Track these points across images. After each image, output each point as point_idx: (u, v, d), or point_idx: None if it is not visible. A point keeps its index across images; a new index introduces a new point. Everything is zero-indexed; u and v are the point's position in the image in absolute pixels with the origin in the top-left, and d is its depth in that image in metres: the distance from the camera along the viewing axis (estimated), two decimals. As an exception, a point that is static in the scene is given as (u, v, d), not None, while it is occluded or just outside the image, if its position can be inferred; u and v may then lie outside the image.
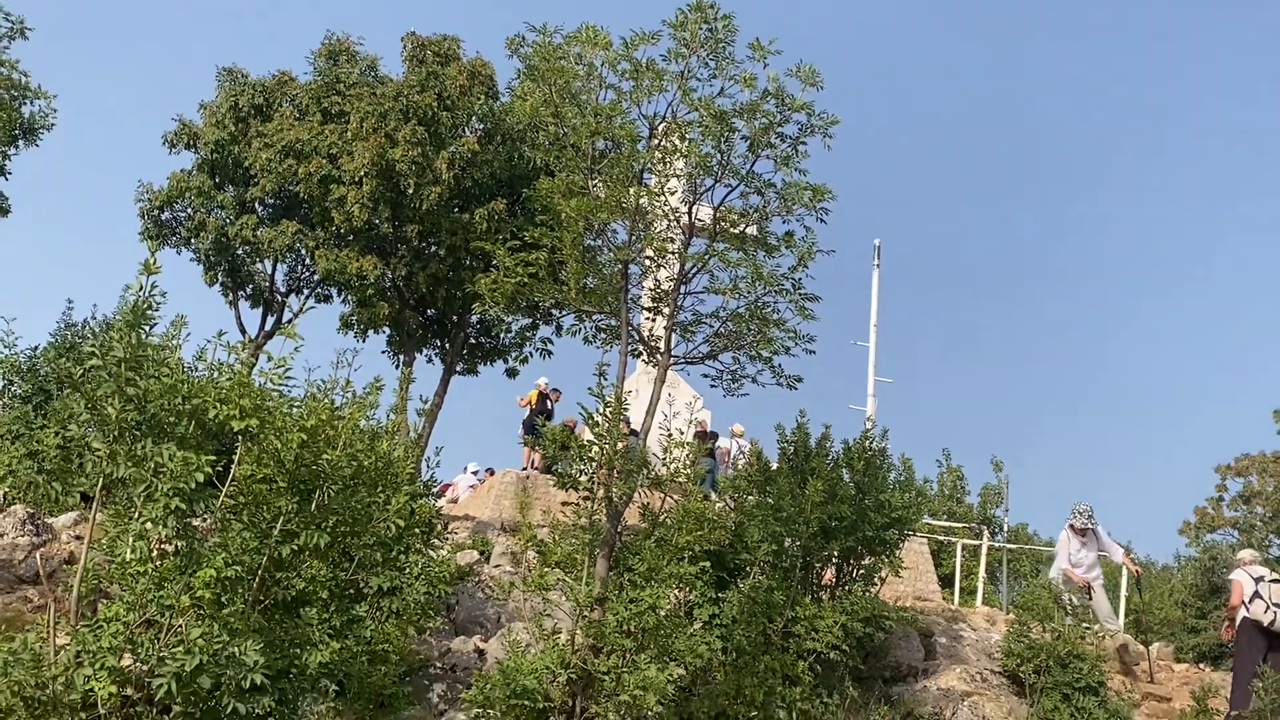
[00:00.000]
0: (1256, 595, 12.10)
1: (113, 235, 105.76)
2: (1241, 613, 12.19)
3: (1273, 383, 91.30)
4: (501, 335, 19.76)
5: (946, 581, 22.30)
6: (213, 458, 6.73)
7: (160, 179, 19.81)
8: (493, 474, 22.79)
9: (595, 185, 10.73)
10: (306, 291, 20.96)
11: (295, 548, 7.22)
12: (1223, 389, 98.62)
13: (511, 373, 20.35)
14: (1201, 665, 14.36)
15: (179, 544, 6.69)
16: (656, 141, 10.54)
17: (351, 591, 9.11)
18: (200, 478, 6.52)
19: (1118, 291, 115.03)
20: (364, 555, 8.76)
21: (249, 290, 21.10)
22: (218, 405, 6.80)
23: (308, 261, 19.84)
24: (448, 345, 19.44)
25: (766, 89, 10.40)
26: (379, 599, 9.20)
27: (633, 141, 10.43)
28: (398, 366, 19.16)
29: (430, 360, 19.95)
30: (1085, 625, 13.36)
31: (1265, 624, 11.85)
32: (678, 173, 10.90)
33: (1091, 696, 11.93)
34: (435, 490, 12.54)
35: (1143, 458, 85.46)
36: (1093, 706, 11.83)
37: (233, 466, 7.04)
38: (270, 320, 20.90)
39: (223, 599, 6.75)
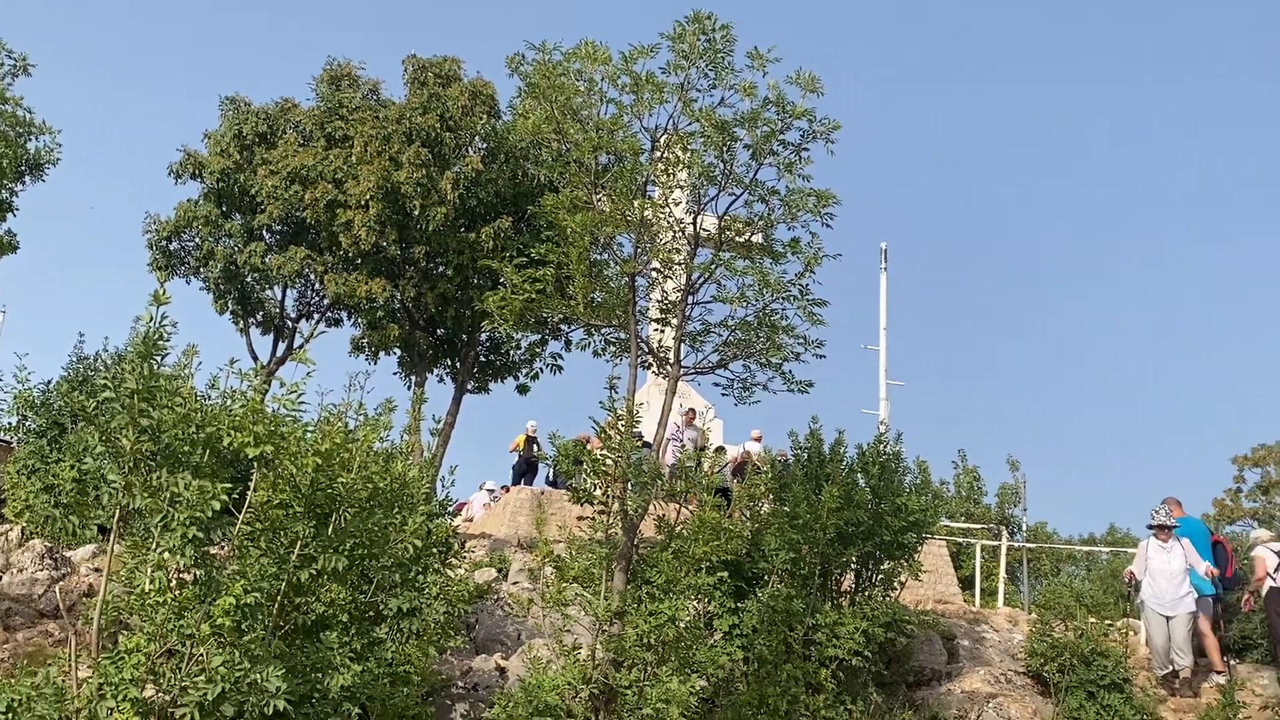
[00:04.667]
0: None
1: (121, 267, 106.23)
2: (1269, 583, 12.82)
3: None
4: (511, 352, 19.81)
5: (967, 583, 22.18)
6: (229, 485, 6.74)
7: (167, 210, 19.98)
8: (508, 491, 22.83)
9: (599, 199, 10.76)
10: (317, 316, 21.04)
11: (314, 572, 7.23)
12: (1238, 380, 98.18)
13: (522, 389, 20.40)
14: (1225, 658, 14.17)
15: (197, 573, 6.71)
16: (659, 154, 10.57)
17: (371, 614, 9.12)
18: (216, 506, 6.52)
19: (1130, 285, 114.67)
20: (382, 577, 8.78)
21: (259, 317, 21.19)
22: (232, 433, 6.82)
23: (317, 286, 19.92)
24: (458, 364, 19.49)
25: (767, 97, 10.43)
26: (399, 620, 9.20)
27: (635, 154, 10.46)
28: (409, 387, 19.24)
29: (441, 380, 20.05)
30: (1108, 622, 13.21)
31: None
32: (681, 184, 10.93)
33: (1117, 693, 11.85)
34: (451, 509, 12.53)
35: (1160, 452, 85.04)
36: (1118, 703, 11.74)
37: (249, 493, 7.04)
38: (281, 346, 21.01)
39: (243, 626, 6.76)
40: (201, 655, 6.42)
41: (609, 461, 9.47)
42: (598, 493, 9.55)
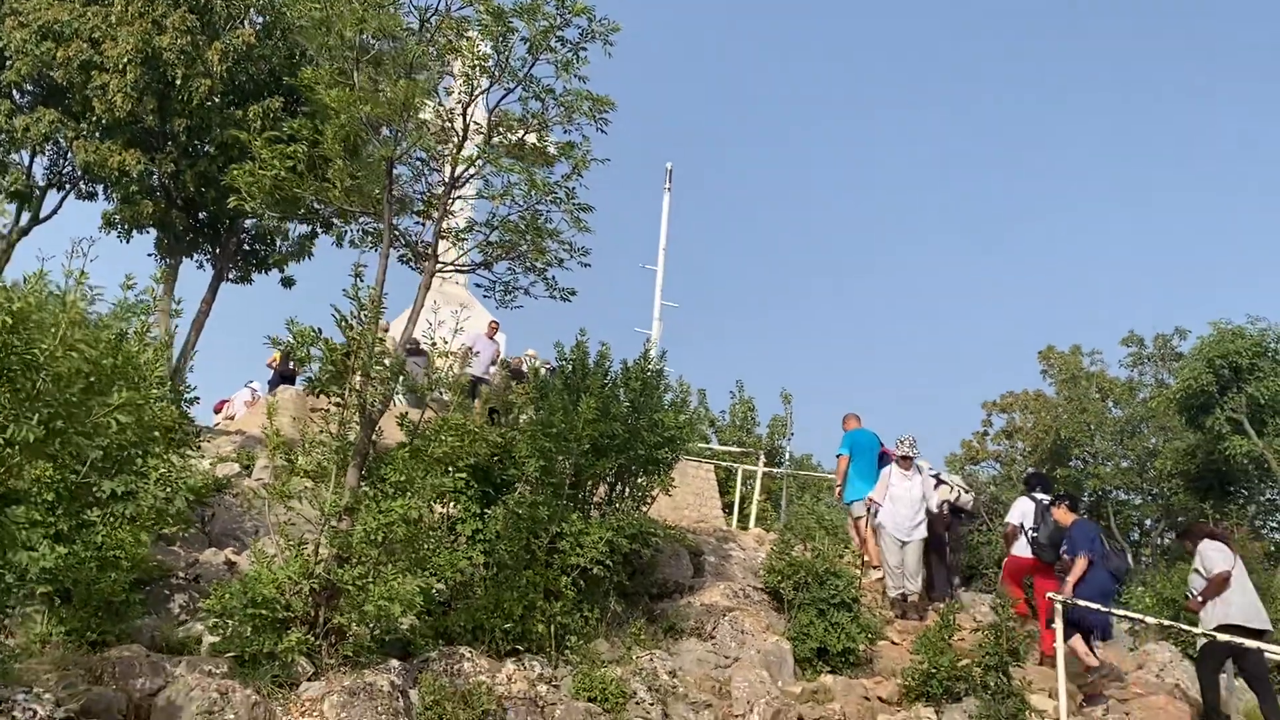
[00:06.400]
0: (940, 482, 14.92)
1: None
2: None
3: (1039, 325, 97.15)
4: (279, 243, 18.91)
5: (734, 508, 22.75)
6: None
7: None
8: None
9: (378, 82, 10.20)
10: (69, 187, 19.49)
11: (1, 441, 6.63)
12: (994, 329, 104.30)
13: (287, 282, 19.51)
14: (955, 583, 14.99)
15: None
16: (429, 36, 10.08)
17: (87, 497, 8.55)
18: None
19: (898, 228, 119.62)
20: (96, 457, 8.21)
21: (4, 183, 19.44)
22: (-94, 283, 6.14)
23: (69, 155, 18.41)
24: (218, 250, 18.47)
25: (547, -12, 10.08)
26: (112, 504, 8.65)
27: (404, 33, 9.94)
28: (162, 270, 18.07)
29: (201, 265, 18.92)
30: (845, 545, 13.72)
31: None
32: (452, 72, 10.49)
33: (845, 612, 12.27)
34: (188, 396, 11.89)
35: (917, 392, 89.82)
36: (846, 621, 12.17)
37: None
38: (26, 217, 19.37)
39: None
40: None
41: (348, 352, 9.07)
42: (334, 385, 9.15)
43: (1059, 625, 11.28)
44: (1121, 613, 11.88)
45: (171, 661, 8.11)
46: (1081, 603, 11.28)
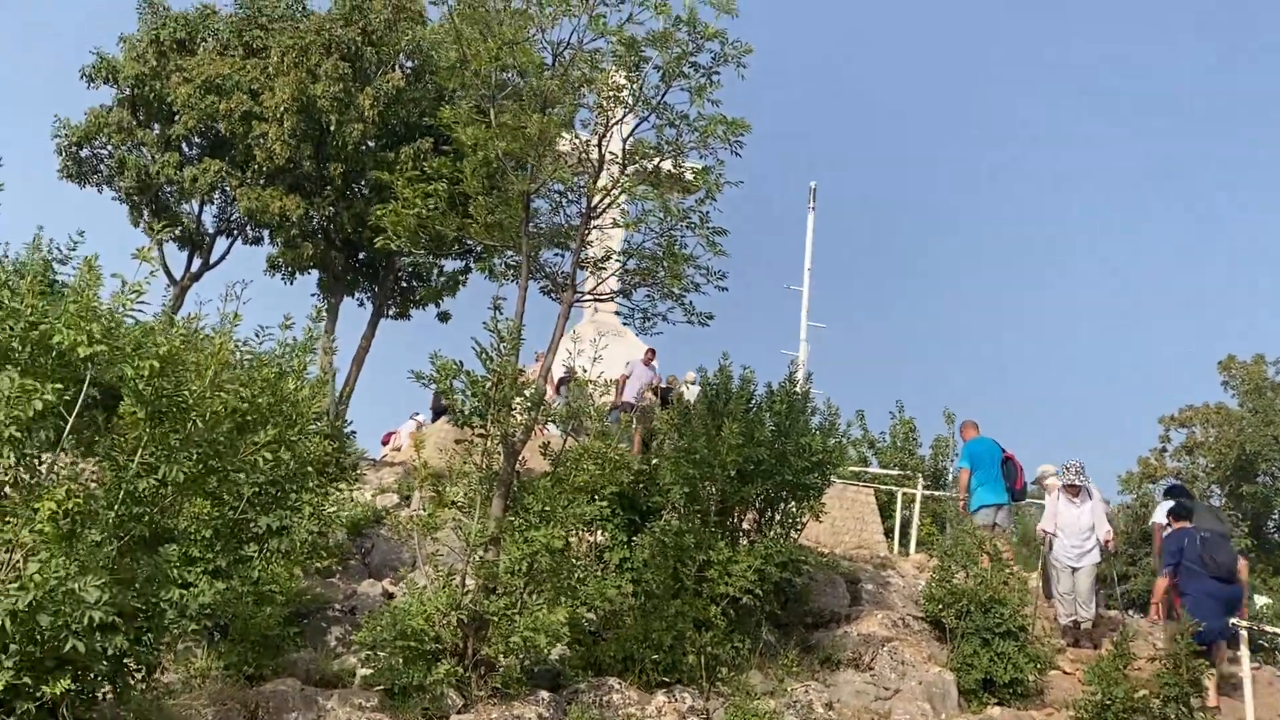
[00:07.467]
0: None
1: (34, 173, 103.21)
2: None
3: (1218, 334, 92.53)
4: (435, 279, 19.39)
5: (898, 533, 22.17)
6: (59, 386, 6.35)
7: (79, 115, 19.15)
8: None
9: (517, 117, 10.34)
10: (236, 233, 20.40)
11: (155, 481, 6.87)
12: (1171, 340, 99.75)
13: (443, 317, 19.97)
14: (1130, 612, 14.21)
15: (23, 476, 6.35)
16: (562, 70, 10.16)
17: (244, 533, 8.80)
18: (39, 406, 6.14)
19: (1068, 239, 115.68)
20: (255, 494, 8.46)
21: (176, 232, 20.46)
22: (64, 331, 6.43)
23: (234, 202, 19.28)
24: (376, 288, 19.05)
25: (679, 16, 10.04)
26: (267, 539, 8.91)
27: (538, 69, 10.04)
28: (325, 309, 18.74)
29: (361, 304, 19.55)
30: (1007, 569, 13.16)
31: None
32: (587, 104, 10.56)
33: (1011, 641, 11.77)
34: (346, 430, 12.23)
35: (1091, 407, 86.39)
36: (1012, 651, 11.66)
37: (81, 395, 6.66)
38: (197, 263, 20.33)
39: (77, 533, 6.43)
40: (18, 563, 6.07)
41: (490, 384, 9.15)
42: (477, 417, 9.24)
43: (1244, 652, 10.61)
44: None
45: (324, 695, 8.27)
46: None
